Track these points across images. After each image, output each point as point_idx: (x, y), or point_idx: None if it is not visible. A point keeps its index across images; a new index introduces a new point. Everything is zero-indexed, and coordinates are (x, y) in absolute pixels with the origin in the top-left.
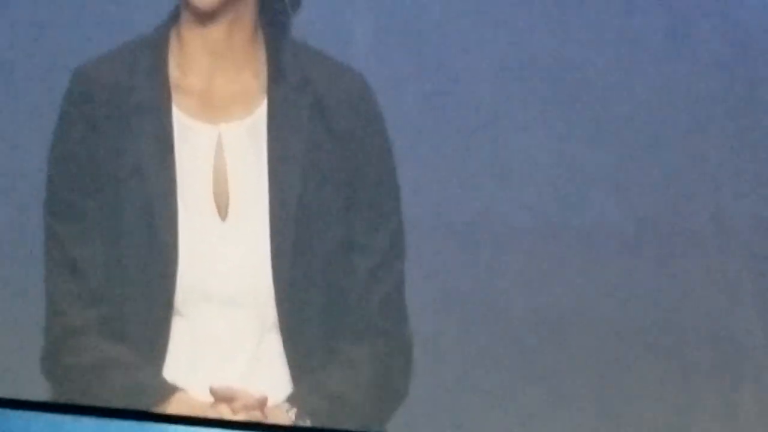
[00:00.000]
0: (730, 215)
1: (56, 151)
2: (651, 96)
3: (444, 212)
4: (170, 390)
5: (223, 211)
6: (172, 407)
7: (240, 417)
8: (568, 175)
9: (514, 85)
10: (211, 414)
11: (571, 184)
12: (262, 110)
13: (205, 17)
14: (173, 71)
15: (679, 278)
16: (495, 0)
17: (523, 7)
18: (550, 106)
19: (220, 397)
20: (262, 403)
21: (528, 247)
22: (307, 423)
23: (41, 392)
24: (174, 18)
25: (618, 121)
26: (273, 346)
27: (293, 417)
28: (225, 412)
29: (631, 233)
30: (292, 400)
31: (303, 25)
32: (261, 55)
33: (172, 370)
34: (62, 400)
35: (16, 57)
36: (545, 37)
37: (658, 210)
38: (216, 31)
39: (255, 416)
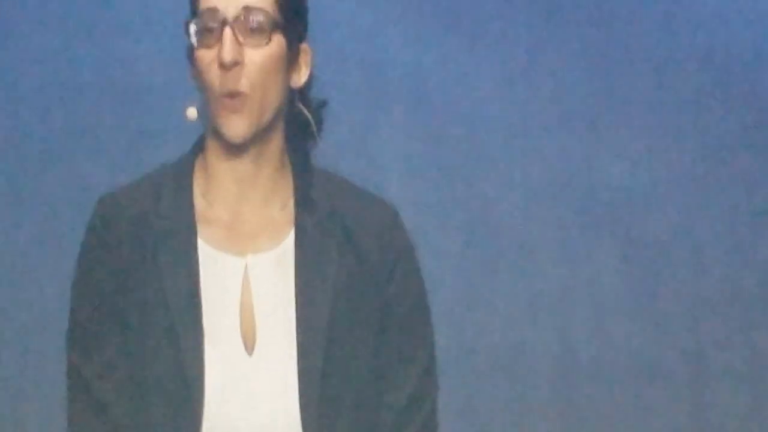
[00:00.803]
0: (765, 348)
1: (78, 281)
2: (683, 220)
3: (472, 340)
4: None
5: (249, 344)
6: None
7: None
8: (598, 305)
9: (543, 211)
10: None
11: (600, 314)
12: (289, 241)
13: (235, 148)
14: (199, 201)
15: (714, 418)
16: (524, 128)
17: (552, 133)
18: (579, 230)
19: None
20: None
21: (556, 377)
22: None
23: None
24: (199, 147)
25: (648, 247)
26: None
27: None
28: None
29: (660, 362)
30: None
31: (331, 152)
32: (288, 185)
33: None
34: None
35: (39, 180)
36: (575, 163)
37: (690, 339)
38: (244, 162)
39: None
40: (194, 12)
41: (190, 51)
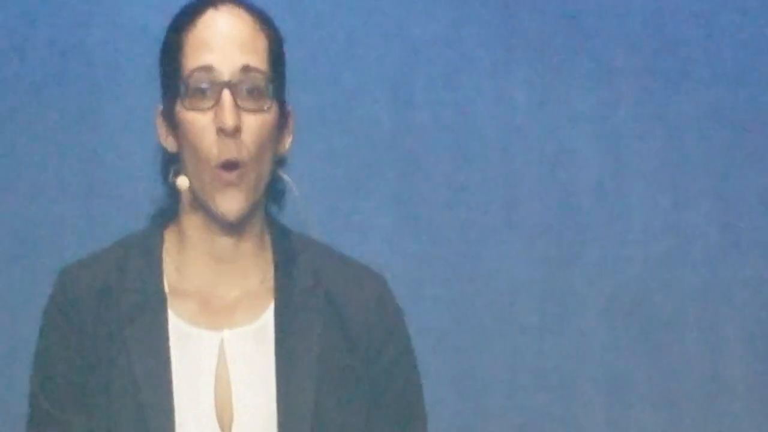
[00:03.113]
0: None
1: (39, 362)
2: (700, 295)
3: (466, 415)
4: None
5: (226, 426)
6: None
7: None
8: (616, 391)
9: (539, 282)
10: None
11: (618, 400)
12: (269, 315)
13: (220, 224)
14: (170, 274)
15: None
16: (519, 192)
17: (542, 206)
18: (575, 308)
19: None
20: None
21: None
22: None
23: None
24: (168, 217)
25: (663, 325)
26: None
27: None
28: None
29: None
30: None
31: (316, 218)
32: (268, 255)
33: None
34: None
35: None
36: (582, 236)
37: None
38: (226, 238)
39: None
40: (177, 73)
41: (167, 111)
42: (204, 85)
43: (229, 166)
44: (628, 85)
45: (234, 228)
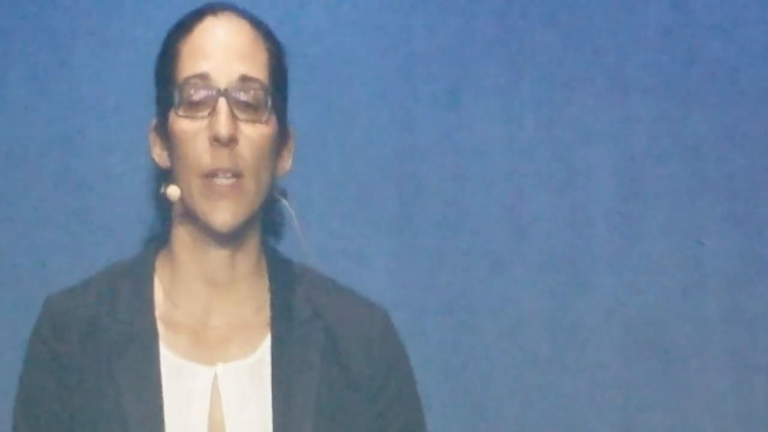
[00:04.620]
0: None
1: (22, 396)
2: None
3: None
4: None
5: None
6: None
7: None
8: (632, 430)
9: (549, 313)
10: None
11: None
12: (265, 348)
13: (210, 243)
14: (161, 302)
15: None
16: (529, 227)
17: (552, 232)
18: (587, 340)
19: None
20: None
21: None
22: None
23: None
24: (161, 242)
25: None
26: None
27: None
28: None
29: None
30: None
31: (312, 246)
32: (264, 285)
33: None
34: None
35: None
36: (580, 266)
37: None
38: (218, 259)
39: None
40: (169, 79)
41: (160, 124)
42: (199, 94)
43: (224, 175)
44: (644, 103)
45: (227, 242)
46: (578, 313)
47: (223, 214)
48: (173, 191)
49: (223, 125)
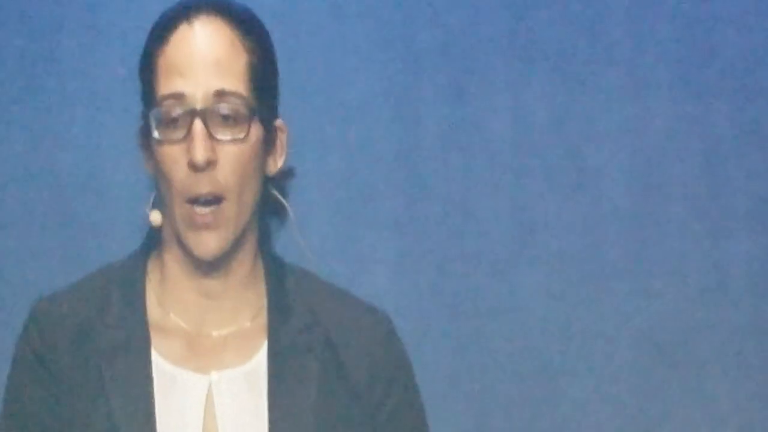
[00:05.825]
0: None
1: (9, 402)
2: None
3: None
4: None
5: None
6: None
7: None
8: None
9: (559, 319)
10: None
11: None
12: (261, 356)
13: (201, 262)
14: (153, 309)
15: None
16: (539, 229)
17: (562, 234)
18: (600, 349)
19: None
20: None
21: None
22: None
23: None
24: (152, 244)
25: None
26: None
27: None
28: None
29: None
30: None
31: (312, 248)
32: (260, 290)
33: None
34: None
35: None
36: (591, 270)
37: None
38: (211, 275)
39: None
40: (150, 98)
41: (144, 137)
42: (175, 114)
43: (204, 202)
44: (660, 99)
45: (217, 266)
46: (590, 319)
47: (205, 246)
48: (155, 217)
49: (198, 151)
